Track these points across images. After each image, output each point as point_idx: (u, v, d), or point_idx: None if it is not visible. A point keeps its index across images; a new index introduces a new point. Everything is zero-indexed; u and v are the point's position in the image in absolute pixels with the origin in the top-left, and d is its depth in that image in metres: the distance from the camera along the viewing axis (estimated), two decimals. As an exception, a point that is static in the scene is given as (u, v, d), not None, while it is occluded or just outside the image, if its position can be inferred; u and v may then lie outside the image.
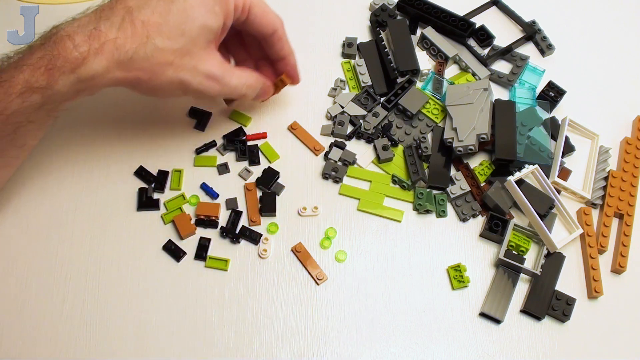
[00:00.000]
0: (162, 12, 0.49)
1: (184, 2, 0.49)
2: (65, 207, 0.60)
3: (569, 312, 0.56)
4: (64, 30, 0.47)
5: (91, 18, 0.48)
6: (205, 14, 0.50)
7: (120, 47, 0.47)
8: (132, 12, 0.48)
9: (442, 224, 0.60)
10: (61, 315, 0.55)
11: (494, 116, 0.62)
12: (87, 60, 0.47)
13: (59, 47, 0.46)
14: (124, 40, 0.48)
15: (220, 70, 0.53)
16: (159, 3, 0.49)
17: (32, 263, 0.57)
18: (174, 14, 0.49)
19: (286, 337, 0.55)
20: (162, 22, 0.49)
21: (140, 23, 0.48)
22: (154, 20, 0.48)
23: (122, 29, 0.48)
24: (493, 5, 0.73)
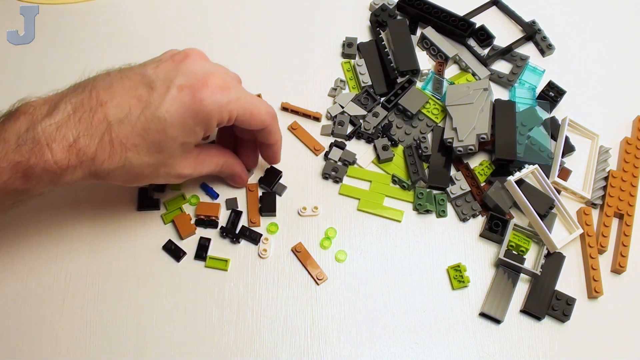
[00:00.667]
0: (140, 131, 0.47)
1: (164, 121, 0.47)
2: (65, 207, 0.60)
3: (569, 312, 0.56)
4: (41, 131, 0.45)
5: (70, 120, 0.46)
6: (184, 134, 0.49)
7: (98, 164, 0.47)
8: (111, 128, 0.46)
9: (442, 224, 0.60)
10: (61, 315, 0.55)
11: (494, 116, 0.62)
12: (65, 173, 0.46)
13: (38, 155, 0.45)
14: (103, 160, 0.47)
15: (192, 168, 0.53)
16: (139, 119, 0.47)
17: (32, 263, 0.57)
18: (152, 133, 0.47)
19: (286, 337, 0.55)
20: (140, 143, 0.47)
21: (119, 143, 0.47)
22: (132, 141, 0.47)
23: (101, 148, 0.46)
24: (493, 5, 0.73)
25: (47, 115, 0.46)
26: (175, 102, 0.47)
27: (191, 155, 0.52)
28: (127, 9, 0.72)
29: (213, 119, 0.49)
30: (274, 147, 0.58)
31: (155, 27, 0.71)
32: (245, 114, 0.51)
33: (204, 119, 0.48)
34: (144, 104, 0.47)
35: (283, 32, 0.70)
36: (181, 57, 0.50)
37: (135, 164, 0.48)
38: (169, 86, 0.47)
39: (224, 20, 0.71)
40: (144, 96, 0.47)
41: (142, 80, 0.48)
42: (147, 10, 0.72)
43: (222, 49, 0.68)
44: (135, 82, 0.48)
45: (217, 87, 0.48)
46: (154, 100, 0.47)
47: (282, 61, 0.68)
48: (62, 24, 0.71)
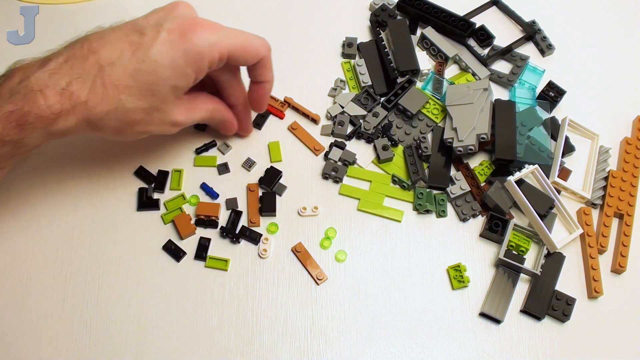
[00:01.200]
0: (132, 72, 0.48)
1: (155, 62, 0.48)
2: (65, 207, 0.60)
3: (569, 312, 0.56)
4: (34, 80, 0.46)
5: (62, 68, 0.47)
6: (175, 75, 0.49)
7: (91, 108, 0.47)
8: (103, 70, 0.47)
9: (442, 224, 0.60)
10: (61, 315, 0.55)
11: (494, 116, 0.62)
12: (59, 119, 0.47)
13: (31, 102, 0.45)
14: (95, 103, 0.47)
15: (185, 115, 0.54)
16: (130, 61, 0.48)
17: (32, 263, 0.57)
18: (144, 74, 0.48)
19: (286, 337, 0.55)
20: (133, 84, 0.48)
21: (112, 85, 0.47)
22: (124, 82, 0.48)
23: (94, 91, 0.47)
24: (493, 5, 0.73)
25: (40, 67, 0.47)
26: (165, 43, 0.48)
27: (183, 102, 0.53)
28: (127, 9, 0.72)
29: (204, 59, 0.50)
30: (266, 86, 0.57)
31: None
32: (237, 49, 0.51)
33: (195, 58, 0.49)
34: (135, 47, 0.48)
35: (283, 32, 0.70)
36: (170, 6, 0.51)
37: (128, 107, 0.49)
38: (159, 30, 0.48)
39: (224, 20, 0.70)
40: (134, 40, 0.48)
41: (133, 28, 0.49)
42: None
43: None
44: (127, 29, 0.49)
45: (206, 26, 0.50)
46: (144, 43, 0.48)
47: (282, 61, 0.68)
48: (62, 24, 0.71)
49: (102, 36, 0.49)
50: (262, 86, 0.57)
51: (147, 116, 0.51)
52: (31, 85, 0.46)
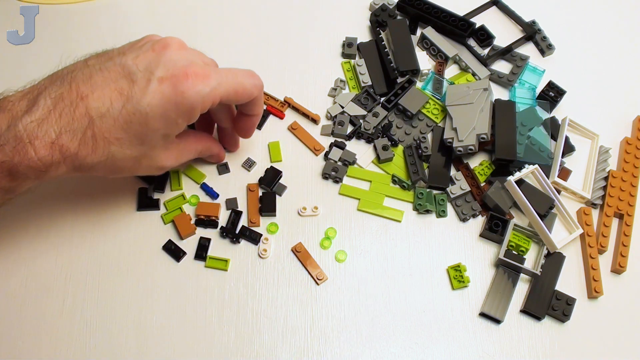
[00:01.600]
0: (123, 125, 0.47)
1: (146, 115, 0.47)
2: (65, 207, 0.60)
3: (569, 312, 0.56)
4: (22, 129, 0.45)
5: (51, 115, 0.46)
6: (166, 126, 0.49)
7: (81, 159, 0.47)
8: (93, 123, 0.46)
9: (442, 224, 0.60)
10: (61, 315, 0.55)
11: (494, 116, 0.62)
12: (50, 169, 0.46)
13: (21, 154, 0.45)
14: (86, 154, 0.47)
15: (173, 160, 0.54)
16: (120, 113, 0.47)
17: (32, 263, 0.57)
18: (134, 126, 0.47)
19: (286, 337, 0.55)
20: (123, 136, 0.48)
21: (102, 138, 0.47)
22: (115, 135, 0.47)
23: (84, 143, 0.46)
24: (493, 5, 0.73)
25: (27, 112, 0.46)
26: (156, 95, 0.47)
27: (172, 146, 0.53)
28: (127, 9, 0.72)
29: (195, 110, 0.49)
30: (254, 119, 0.57)
31: (155, 27, 0.71)
32: (229, 95, 0.51)
33: (186, 110, 0.48)
34: (125, 98, 0.47)
35: (283, 32, 0.70)
36: (161, 47, 0.49)
37: (118, 157, 0.49)
38: (150, 78, 0.47)
39: (224, 20, 0.71)
40: (125, 89, 0.47)
41: (122, 72, 0.47)
42: (147, 10, 0.72)
43: (222, 49, 0.68)
44: (116, 73, 0.47)
45: (198, 77, 0.48)
46: (135, 94, 0.47)
47: (282, 61, 0.68)
48: (62, 24, 0.71)
49: (89, 77, 0.47)
50: (251, 119, 0.57)
51: (136, 163, 0.51)
52: (20, 134, 0.45)
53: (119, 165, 0.50)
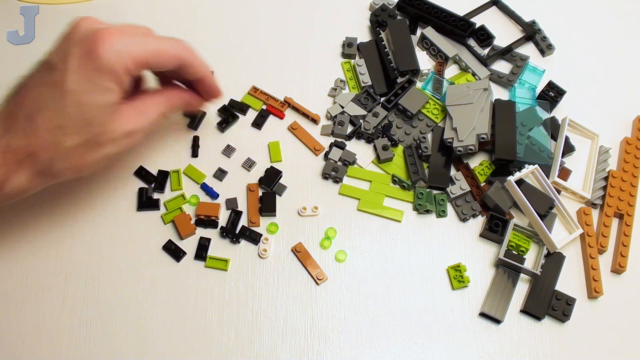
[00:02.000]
0: (59, 112, 0.46)
1: (75, 93, 0.46)
2: (65, 207, 0.60)
3: (569, 312, 0.56)
4: None
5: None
6: (100, 95, 0.47)
7: (35, 158, 0.47)
8: (33, 120, 0.46)
9: (442, 224, 0.60)
10: (61, 315, 0.55)
11: (494, 116, 0.62)
12: (9, 180, 0.46)
13: None
14: (37, 151, 0.47)
15: (135, 121, 0.51)
16: (53, 101, 0.47)
17: (32, 263, 0.57)
18: (70, 108, 0.46)
19: (286, 337, 0.55)
20: (63, 123, 0.47)
21: (46, 130, 0.47)
22: (56, 123, 0.47)
23: (32, 142, 0.46)
24: (493, 5, 0.73)
25: None
26: (75, 70, 0.46)
27: (125, 112, 0.50)
28: (127, 9, 0.72)
29: (117, 69, 0.47)
30: (206, 81, 0.56)
31: (155, 27, 0.70)
32: (151, 55, 0.49)
33: (110, 71, 0.47)
34: (51, 86, 0.47)
35: (283, 32, 0.70)
36: (72, 29, 0.49)
37: (70, 145, 0.47)
38: (66, 59, 0.47)
39: (223, 20, 0.71)
40: (49, 79, 0.47)
41: (46, 67, 0.48)
42: (147, 10, 0.72)
43: (222, 49, 0.68)
44: (41, 71, 0.49)
45: (112, 34, 0.47)
46: (58, 78, 0.47)
47: (282, 61, 0.68)
48: (62, 24, 0.70)
49: (24, 85, 0.49)
50: (203, 82, 0.55)
51: (93, 143, 0.49)
52: None
53: (78, 153, 0.48)
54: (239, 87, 0.66)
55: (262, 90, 0.66)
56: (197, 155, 0.63)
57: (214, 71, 0.66)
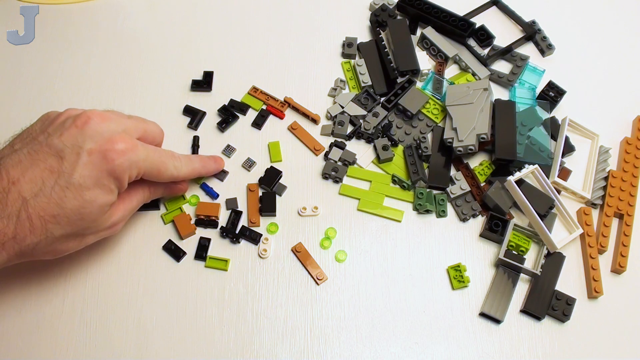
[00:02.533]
0: (57, 200, 0.47)
1: (80, 187, 0.47)
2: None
3: (569, 312, 0.56)
4: None
5: None
6: (101, 196, 0.49)
7: (20, 241, 0.46)
8: (27, 203, 0.46)
9: (442, 224, 0.60)
10: (61, 315, 0.55)
11: (494, 116, 0.62)
12: None
13: None
14: (24, 236, 0.46)
15: (120, 212, 0.52)
16: (53, 189, 0.46)
17: (32, 263, 0.57)
18: (69, 200, 0.47)
19: (286, 337, 0.55)
20: (59, 213, 0.47)
21: (37, 217, 0.46)
22: (50, 212, 0.47)
23: (20, 225, 0.46)
24: (493, 5, 0.73)
25: None
26: (87, 167, 0.47)
27: (113, 208, 0.52)
28: (127, 9, 0.72)
29: (125, 176, 0.50)
30: (181, 185, 0.59)
31: (155, 27, 0.71)
32: (152, 172, 0.52)
33: (118, 177, 0.49)
34: (56, 174, 0.47)
35: (283, 32, 0.70)
36: (83, 122, 0.49)
37: (57, 234, 0.48)
38: (79, 152, 0.47)
39: (224, 21, 0.71)
40: (55, 166, 0.47)
41: (50, 151, 0.48)
42: (147, 10, 0.72)
43: (222, 49, 0.68)
44: (44, 154, 0.48)
45: (126, 146, 0.49)
46: (66, 169, 0.47)
47: (282, 61, 0.68)
48: (62, 24, 0.71)
49: (18, 161, 0.47)
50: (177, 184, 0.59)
51: (80, 235, 0.50)
52: None
53: (61, 243, 0.49)
54: (239, 87, 0.66)
55: (262, 90, 0.66)
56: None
57: (214, 71, 0.67)
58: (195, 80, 0.66)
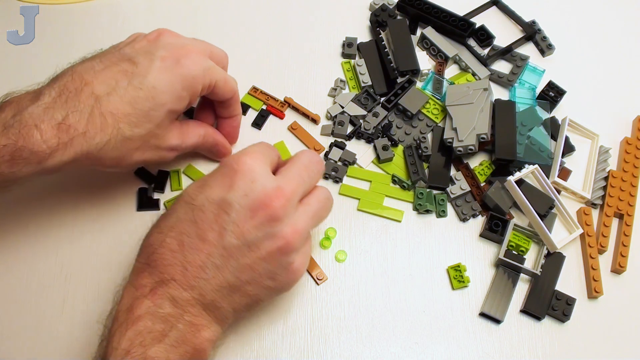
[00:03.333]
0: (130, 100, 0.48)
1: (153, 89, 0.48)
2: (65, 207, 0.60)
3: (569, 312, 0.56)
4: (28, 115, 0.45)
5: (56, 102, 0.46)
6: (172, 100, 0.50)
7: (89, 139, 0.47)
8: (100, 101, 0.47)
9: (442, 224, 0.60)
10: (61, 315, 0.55)
11: (494, 116, 0.62)
12: (55, 153, 0.46)
13: (26, 137, 0.44)
14: (94, 133, 0.47)
15: (179, 139, 0.54)
16: (127, 90, 0.48)
17: (32, 263, 0.57)
18: (142, 101, 0.48)
19: (286, 337, 0.55)
20: (131, 112, 0.48)
21: (110, 114, 0.47)
22: (122, 111, 0.48)
23: (92, 122, 0.47)
24: (493, 5, 0.73)
25: (33, 101, 0.46)
26: (161, 70, 0.49)
27: (175, 126, 0.54)
28: (127, 9, 0.72)
29: (198, 83, 0.51)
30: (238, 119, 0.60)
31: (155, 27, 0.71)
32: (221, 80, 0.53)
33: (191, 82, 0.50)
34: (130, 75, 0.48)
35: (283, 32, 0.70)
36: (155, 36, 0.52)
37: (127, 134, 0.49)
38: (152, 58, 0.49)
39: (224, 21, 0.71)
40: (128, 69, 0.49)
41: (123, 57, 0.49)
42: (147, 10, 0.72)
43: (222, 49, 0.68)
44: (117, 58, 0.49)
45: (198, 53, 0.51)
46: (140, 71, 0.48)
47: (282, 61, 0.68)
48: (62, 24, 0.71)
49: (91, 67, 0.49)
50: (235, 119, 0.59)
51: (145, 143, 0.51)
52: (25, 119, 0.45)
53: (129, 146, 0.50)
54: (239, 87, 0.66)
55: (262, 90, 0.66)
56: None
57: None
58: (195, 80, 0.66)
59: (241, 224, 0.44)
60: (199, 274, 0.44)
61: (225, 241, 0.44)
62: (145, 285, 0.44)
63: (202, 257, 0.44)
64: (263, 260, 0.45)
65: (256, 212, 0.44)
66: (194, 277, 0.44)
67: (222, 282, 0.44)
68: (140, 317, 0.42)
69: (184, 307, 0.44)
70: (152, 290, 0.43)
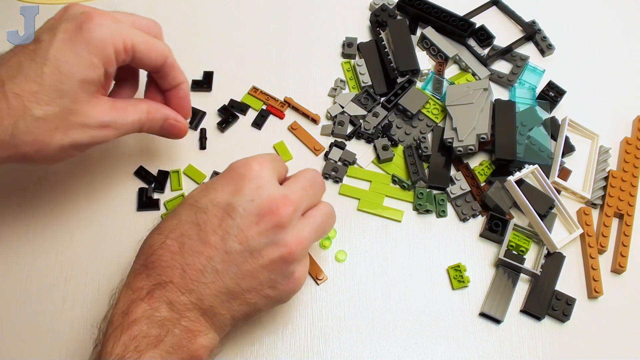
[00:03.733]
0: (35, 77, 0.45)
1: (57, 61, 0.45)
2: (65, 207, 0.60)
3: (569, 312, 0.56)
4: None
5: None
6: (82, 68, 0.46)
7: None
8: (4, 85, 0.44)
9: (442, 224, 0.60)
10: (61, 315, 0.55)
11: (494, 116, 0.62)
12: None
13: None
14: (1, 118, 0.44)
15: (112, 114, 0.49)
16: (30, 68, 0.45)
17: (32, 263, 0.57)
18: (47, 76, 0.45)
19: (286, 337, 0.55)
20: (37, 89, 0.45)
21: (14, 95, 0.44)
22: (28, 89, 0.45)
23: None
24: (493, 5, 0.73)
25: None
26: (64, 40, 0.46)
27: (102, 102, 0.49)
28: (126, 9, 0.71)
29: (107, 45, 0.47)
30: (183, 87, 0.54)
31: (155, 27, 0.71)
32: (141, 44, 0.49)
33: (99, 46, 0.46)
34: (32, 53, 0.46)
35: (283, 32, 0.70)
36: (62, 10, 0.49)
37: (37, 114, 0.45)
38: (55, 32, 0.46)
39: (224, 21, 0.71)
40: (31, 49, 0.46)
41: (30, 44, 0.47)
42: (147, 11, 0.72)
43: (222, 49, 0.68)
44: (23, 47, 0.47)
45: (105, 16, 0.47)
46: (42, 47, 0.46)
47: (282, 61, 0.68)
48: (62, 24, 0.71)
49: (1, 57, 0.47)
50: (179, 89, 0.54)
51: (63, 122, 0.46)
52: None
53: (44, 127, 0.46)
54: (239, 87, 0.66)
55: (262, 90, 0.66)
56: (205, 148, 0.63)
57: (214, 71, 0.67)
58: (195, 80, 0.66)
59: (245, 229, 0.44)
60: (198, 277, 0.43)
61: (227, 246, 0.44)
62: (142, 287, 0.43)
63: (202, 261, 0.44)
64: (264, 268, 0.45)
65: (262, 218, 0.44)
66: (192, 281, 0.43)
67: (222, 287, 0.44)
68: (136, 320, 0.42)
69: (181, 311, 0.43)
70: (149, 292, 0.43)
